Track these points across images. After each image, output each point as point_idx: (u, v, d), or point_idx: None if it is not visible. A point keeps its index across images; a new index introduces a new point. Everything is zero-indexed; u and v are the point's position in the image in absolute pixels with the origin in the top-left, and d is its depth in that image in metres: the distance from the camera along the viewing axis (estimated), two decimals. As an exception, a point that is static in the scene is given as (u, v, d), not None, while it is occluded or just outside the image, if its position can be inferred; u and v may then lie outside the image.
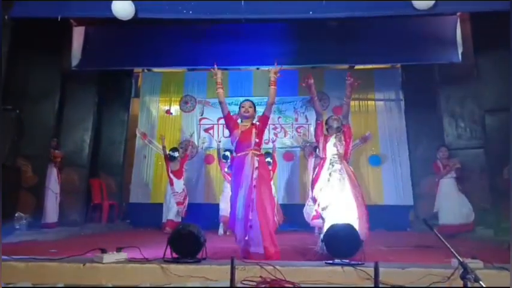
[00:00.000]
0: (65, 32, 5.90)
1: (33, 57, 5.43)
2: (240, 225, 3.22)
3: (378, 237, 5.11)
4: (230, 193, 4.95)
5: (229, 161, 6.25)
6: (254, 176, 3.26)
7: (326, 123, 3.79)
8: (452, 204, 5.47)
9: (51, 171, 5.69)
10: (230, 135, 3.56)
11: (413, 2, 4.06)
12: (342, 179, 3.47)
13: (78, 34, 6.15)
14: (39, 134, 5.45)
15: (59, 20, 4.41)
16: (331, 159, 3.56)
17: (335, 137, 3.64)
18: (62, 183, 5.91)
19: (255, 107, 3.56)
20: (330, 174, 3.49)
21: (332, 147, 3.61)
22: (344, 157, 3.59)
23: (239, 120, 3.60)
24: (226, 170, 6.14)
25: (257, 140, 3.41)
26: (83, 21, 6.04)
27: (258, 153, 3.40)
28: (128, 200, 7.40)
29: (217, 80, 3.52)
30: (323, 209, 3.42)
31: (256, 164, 3.31)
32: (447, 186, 5.59)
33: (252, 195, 3.22)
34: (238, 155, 3.43)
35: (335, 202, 3.38)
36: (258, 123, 3.47)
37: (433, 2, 4.04)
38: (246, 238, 3.16)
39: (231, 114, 3.66)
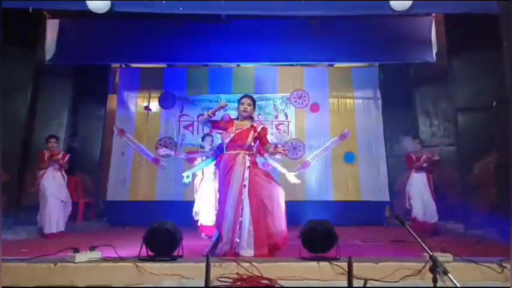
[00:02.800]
0: (39, 24, 5.71)
1: (4, 49, 5.20)
2: (229, 227, 3.12)
3: (355, 232, 5.23)
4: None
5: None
6: (245, 175, 3.20)
7: None
8: (420, 201, 5.29)
9: (51, 175, 5.14)
10: (224, 133, 3.43)
11: (390, 2, 4.13)
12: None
13: (52, 27, 5.96)
14: (10, 129, 5.24)
15: (30, 11, 4.27)
16: None
17: None
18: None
19: (254, 105, 3.48)
20: None
21: None
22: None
23: (236, 118, 3.50)
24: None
25: (252, 144, 3.36)
26: (57, 14, 5.85)
27: (251, 153, 3.35)
28: (105, 198, 7.24)
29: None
30: None
31: (248, 164, 3.25)
32: (418, 181, 5.38)
33: (242, 195, 3.16)
34: (229, 152, 3.33)
35: None
36: (259, 129, 3.40)
37: (410, 3, 4.12)
38: (237, 240, 3.08)
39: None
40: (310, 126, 7.43)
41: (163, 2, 4.07)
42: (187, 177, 4.52)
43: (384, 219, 6.93)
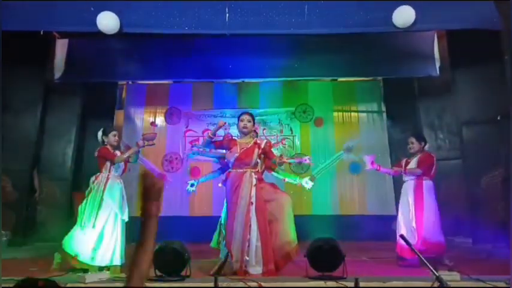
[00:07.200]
0: (48, 43, 5.86)
1: (15, 69, 5.35)
2: (238, 245, 3.15)
3: (362, 247, 5.18)
4: None
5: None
6: (252, 193, 3.24)
7: None
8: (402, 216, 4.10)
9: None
10: (228, 153, 3.46)
11: (393, 20, 4.20)
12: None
13: (61, 46, 6.10)
14: (20, 147, 5.34)
15: (41, 33, 4.40)
16: None
17: None
18: (43, 198, 5.75)
19: (254, 121, 3.55)
20: None
21: None
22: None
23: (237, 137, 3.56)
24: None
25: (258, 161, 3.40)
26: (66, 33, 6.00)
27: (257, 170, 3.39)
28: (112, 214, 7.26)
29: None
30: None
31: (254, 182, 3.29)
32: (405, 189, 4.19)
33: (250, 213, 3.19)
34: (235, 171, 3.37)
35: None
36: (263, 145, 3.45)
37: (413, 20, 4.19)
38: (247, 258, 3.11)
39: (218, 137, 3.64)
40: (315, 141, 7.45)
41: (169, 23, 4.18)
42: (192, 185, 4.24)
43: (392, 234, 6.85)
